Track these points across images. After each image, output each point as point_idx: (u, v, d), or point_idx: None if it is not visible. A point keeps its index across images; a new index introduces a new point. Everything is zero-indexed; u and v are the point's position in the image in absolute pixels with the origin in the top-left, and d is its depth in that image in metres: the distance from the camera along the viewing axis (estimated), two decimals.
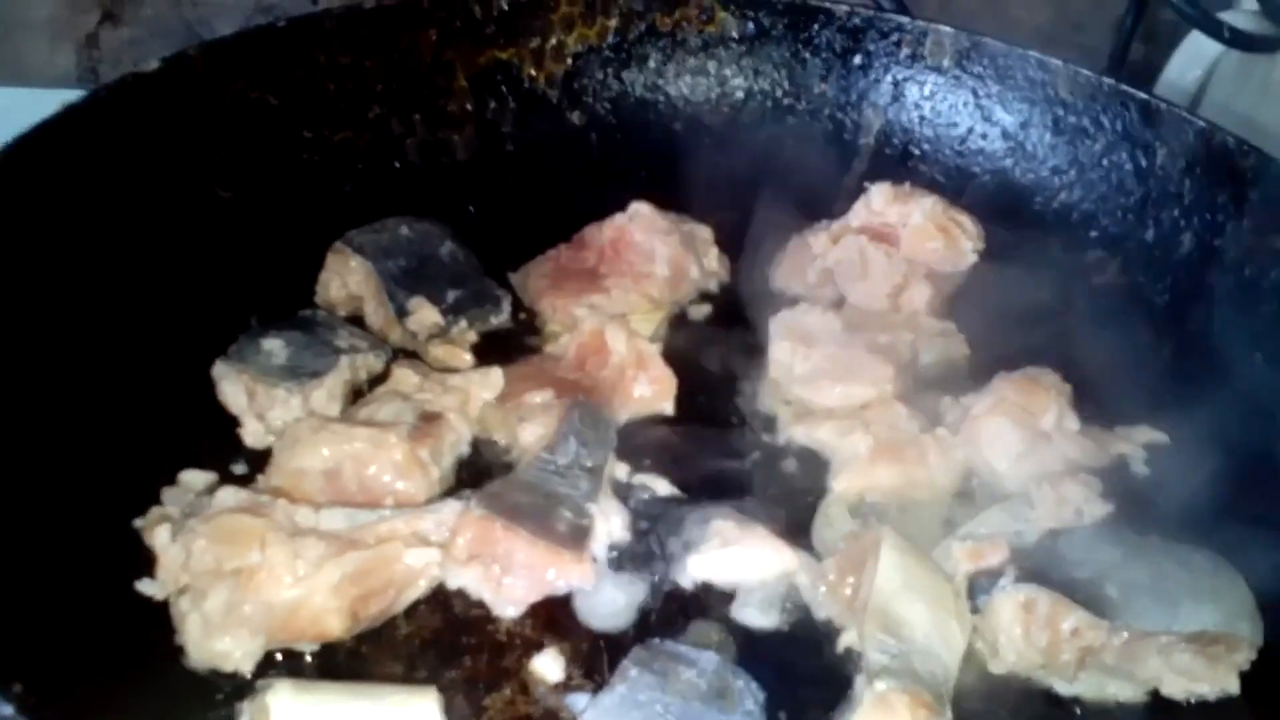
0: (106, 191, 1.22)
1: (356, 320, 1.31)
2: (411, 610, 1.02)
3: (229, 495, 1.00)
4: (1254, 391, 1.23)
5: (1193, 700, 0.99)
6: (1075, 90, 1.47)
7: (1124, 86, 1.42)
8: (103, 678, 0.90)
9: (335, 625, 0.96)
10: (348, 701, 0.87)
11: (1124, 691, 1.00)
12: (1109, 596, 0.96)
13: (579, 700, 0.96)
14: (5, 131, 1.13)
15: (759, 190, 1.50)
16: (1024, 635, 0.97)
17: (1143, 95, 1.42)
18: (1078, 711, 0.99)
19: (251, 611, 0.94)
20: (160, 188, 1.28)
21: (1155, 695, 1.00)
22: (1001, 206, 1.49)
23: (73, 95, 1.23)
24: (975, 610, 1.01)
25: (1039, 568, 1.00)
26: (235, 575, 0.94)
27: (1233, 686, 0.99)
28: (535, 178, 1.55)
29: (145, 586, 0.97)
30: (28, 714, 0.66)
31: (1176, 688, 0.99)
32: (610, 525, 1.10)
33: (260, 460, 1.12)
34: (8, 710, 0.66)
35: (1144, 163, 1.42)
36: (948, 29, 1.55)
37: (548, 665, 0.98)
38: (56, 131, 1.18)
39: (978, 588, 1.01)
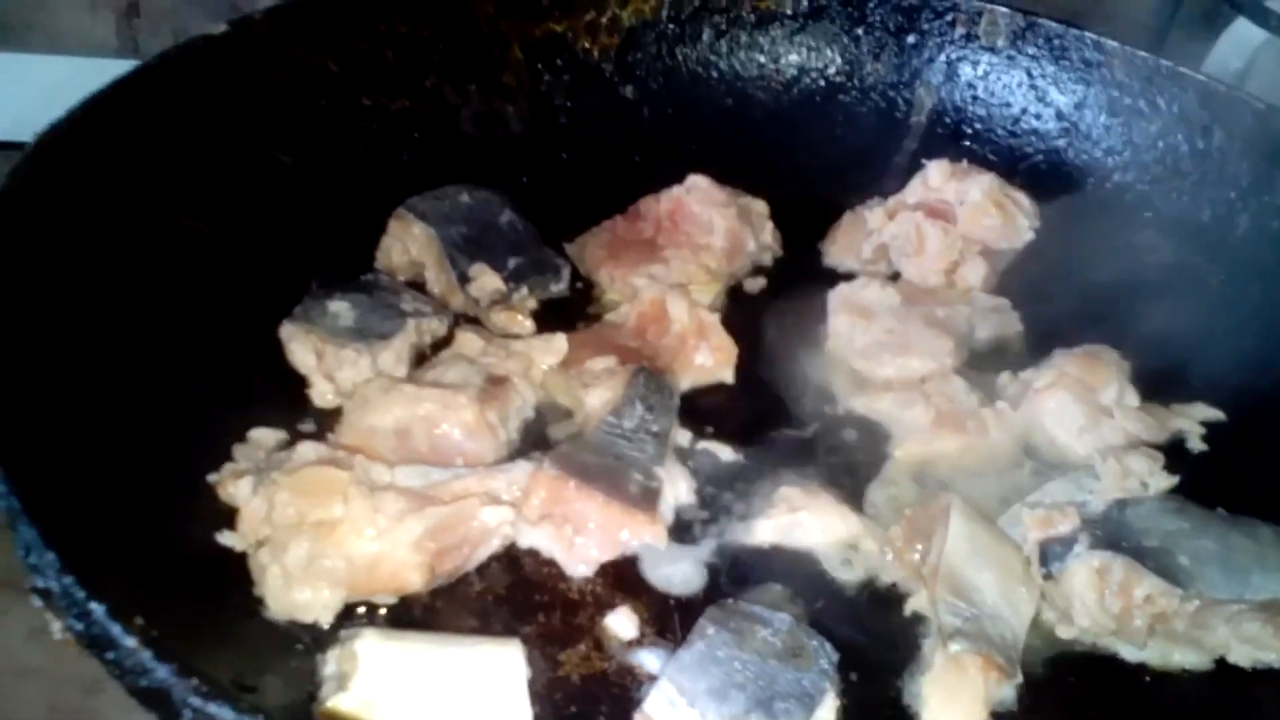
0: (172, 154, 1.21)
1: (417, 285, 1.32)
2: (484, 568, 1.03)
3: (309, 449, 1.01)
4: None
5: (1259, 668, 1.01)
6: (1131, 72, 1.47)
7: (1182, 68, 1.43)
8: (186, 628, 0.89)
9: (414, 579, 0.97)
10: (434, 648, 0.88)
11: (1190, 659, 1.01)
12: (1180, 565, 0.97)
13: (653, 657, 0.97)
14: (46, 100, 1.12)
15: (809, 166, 1.50)
16: (1098, 601, 0.98)
17: (1201, 77, 1.42)
18: (1145, 678, 1.00)
19: (332, 564, 0.95)
20: (224, 151, 1.28)
21: (1221, 663, 1.01)
22: (1054, 187, 1.49)
23: (112, 65, 1.22)
24: (1048, 576, 1.02)
25: (1109, 536, 1.01)
26: (316, 528, 0.95)
27: None
28: (587, 151, 1.56)
29: (225, 538, 0.98)
30: (149, 646, 0.67)
31: (1243, 655, 1.00)
32: (676, 489, 1.11)
33: (327, 420, 1.13)
34: (130, 642, 0.66)
35: (1200, 144, 1.42)
36: (1003, 9, 1.56)
37: (621, 623, 0.99)
38: (123, 95, 1.17)
39: (1050, 554, 1.02)
